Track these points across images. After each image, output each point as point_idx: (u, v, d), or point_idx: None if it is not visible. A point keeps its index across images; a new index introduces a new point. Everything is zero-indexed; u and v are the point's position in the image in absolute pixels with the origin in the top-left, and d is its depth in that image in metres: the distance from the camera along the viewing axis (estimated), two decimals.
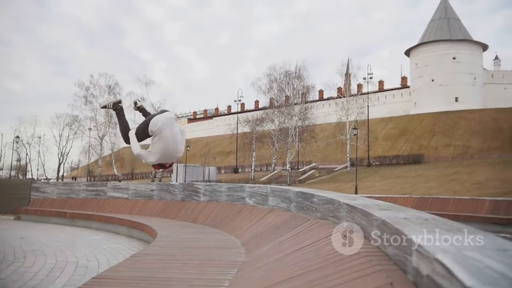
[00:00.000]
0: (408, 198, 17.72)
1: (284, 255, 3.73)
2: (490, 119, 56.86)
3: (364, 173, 42.37)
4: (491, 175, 30.92)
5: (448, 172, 35.67)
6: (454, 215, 14.84)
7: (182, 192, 11.40)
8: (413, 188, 30.14)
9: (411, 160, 48.56)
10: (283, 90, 52.92)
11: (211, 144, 79.90)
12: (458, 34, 65.65)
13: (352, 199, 4.41)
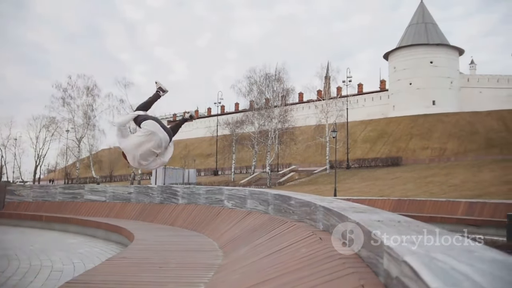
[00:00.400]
0: (386, 200, 17.92)
1: (260, 258, 3.73)
2: (466, 122, 57.88)
3: (343, 175, 42.69)
4: (466, 177, 31.46)
5: (425, 174, 36.17)
6: (431, 217, 15.08)
7: (160, 194, 11.33)
8: (391, 190, 30.47)
9: (389, 163, 49.09)
10: (263, 93, 53.03)
11: (190, 147, 79.56)
12: (435, 39, 66.74)
13: (329, 201, 4.44)
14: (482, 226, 13.48)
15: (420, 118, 60.85)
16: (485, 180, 29.42)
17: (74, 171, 67.29)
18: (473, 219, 13.80)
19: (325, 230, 3.91)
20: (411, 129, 59.44)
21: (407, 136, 58.30)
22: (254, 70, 53.87)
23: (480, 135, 54.27)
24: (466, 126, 56.94)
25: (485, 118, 58.10)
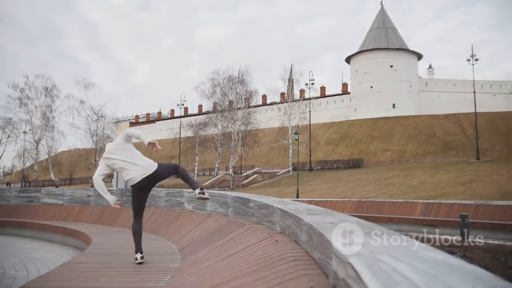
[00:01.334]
0: (347, 201, 18.18)
1: (217, 261, 3.73)
2: (425, 125, 59.39)
3: (306, 177, 43.08)
4: (424, 179, 32.28)
5: (385, 176, 36.88)
6: (390, 218, 15.41)
7: (120, 197, 11.13)
8: (352, 191, 30.94)
9: (351, 164, 49.83)
10: (226, 95, 52.97)
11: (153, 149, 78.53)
12: (395, 43, 68.28)
13: (286, 204, 4.48)
14: (439, 226, 13.85)
15: (381, 121, 62.06)
16: (441, 181, 30.27)
17: (32, 173, 65.39)
18: (430, 220, 14.17)
19: (281, 232, 3.94)
20: (372, 132, 60.53)
21: (368, 138, 59.34)
22: (217, 72, 53.80)
23: (438, 137, 55.82)
24: (425, 129, 58.44)
25: (443, 121, 59.80)
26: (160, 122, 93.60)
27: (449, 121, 59.71)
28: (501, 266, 6.38)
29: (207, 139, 54.09)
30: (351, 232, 2.19)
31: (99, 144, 58.33)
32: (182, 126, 58.69)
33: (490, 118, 57.51)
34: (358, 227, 2.39)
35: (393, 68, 66.61)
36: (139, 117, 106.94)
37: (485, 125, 54.65)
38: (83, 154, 62.91)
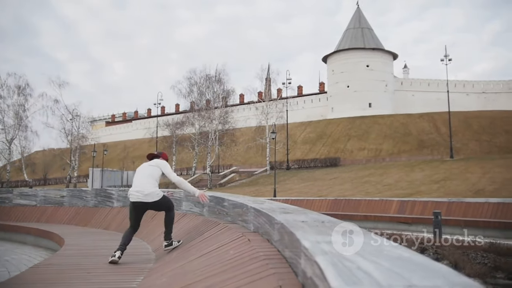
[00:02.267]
0: (323, 200, 18.31)
1: (190, 261, 3.71)
2: (400, 124, 60.18)
3: (284, 176, 43.20)
4: (400, 177, 32.70)
5: (362, 175, 37.21)
6: (365, 216, 15.58)
7: (94, 198, 11.00)
8: (329, 190, 31.15)
9: (328, 163, 50.14)
10: (203, 94, 52.75)
11: (130, 148, 77.85)
12: (371, 43, 69.03)
13: (260, 203, 4.48)
14: (413, 223, 14.06)
15: (357, 120, 62.65)
16: (416, 179, 30.70)
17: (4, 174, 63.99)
18: (404, 217, 14.37)
19: (255, 231, 3.94)
20: (349, 131, 61.06)
21: (345, 137, 59.84)
22: (194, 71, 53.53)
23: (413, 136, 56.64)
24: (400, 128, 59.22)
25: (417, 120, 60.69)
26: (137, 121, 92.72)
27: (424, 120, 60.64)
28: (471, 262, 6.51)
29: (184, 138, 53.79)
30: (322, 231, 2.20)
31: (74, 144, 57.45)
32: (159, 125, 58.27)
33: (463, 117, 58.61)
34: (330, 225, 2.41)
35: (369, 67, 67.33)
36: (115, 116, 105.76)
37: (459, 124, 55.68)
38: (57, 154, 61.83)
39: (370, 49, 68.19)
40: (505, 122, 56.91)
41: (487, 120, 58.84)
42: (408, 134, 57.30)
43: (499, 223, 11.22)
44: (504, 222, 11.31)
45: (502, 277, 5.91)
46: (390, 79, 69.14)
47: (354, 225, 2.45)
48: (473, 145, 53.58)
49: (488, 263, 6.70)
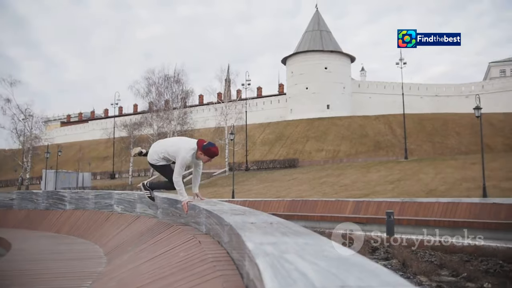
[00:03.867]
0: (281, 201, 18.42)
1: (140, 264, 3.66)
2: (357, 125, 61.34)
3: (242, 177, 43.24)
4: (356, 178, 33.30)
5: (319, 175, 37.67)
6: (321, 216, 15.78)
7: (46, 200, 10.68)
8: (287, 191, 31.38)
9: (286, 164, 50.48)
10: (162, 94, 52.13)
11: (86, 149, 76.05)
12: (330, 46, 70.07)
13: (212, 204, 4.47)
14: (367, 223, 14.34)
15: (315, 121, 63.42)
16: (372, 180, 31.35)
17: None
18: (359, 217, 14.64)
19: (207, 233, 3.93)
20: (307, 132, 61.72)
21: (303, 138, 60.44)
22: (152, 71, 52.74)
23: (370, 137, 57.85)
24: (357, 129, 60.35)
25: (374, 122, 62.03)
26: (93, 121, 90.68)
27: (380, 122, 62.03)
28: (418, 261, 6.71)
29: (142, 139, 52.99)
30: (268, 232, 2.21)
31: (26, 145, 55.63)
32: (116, 126, 57.23)
33: (418, 119, 60.32)
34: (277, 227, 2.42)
35: (328, 70, 68.29)
36: (70, 116, 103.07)
37: (413, 125, 57.26)
38: (9, 155, 59.70)
39: (328, 51, 69.19)
40: (456, 124, 58.98)
41: (439, 122, 60.80)
42: (365, 136, 58.47)
43: (448, 221, 11.61)
44: (453, 221, 11.70)
45: (446, 274, 6.12)
46: (348, 82, 70.37)
47: (300, 226, 2.47)
48: (427, 146, 55.25)
49: (435, 261, 6.93)
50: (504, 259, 7.20)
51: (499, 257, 7.30)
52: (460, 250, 7.97)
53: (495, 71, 75.82)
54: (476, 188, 23.06)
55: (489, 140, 53.47)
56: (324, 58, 68.81)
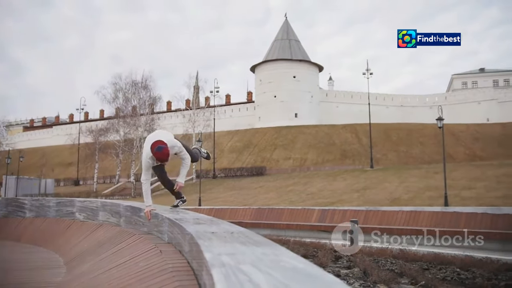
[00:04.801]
0: (247, 209, 18.40)
1: (100, 274, 3.60)
2: (324, 134, 62.01)
3: (210, 184, 43.05)
4: (323, 186, 33.61)
5: (287, 184, 37.85)
6: (287, 224, 15.84)
7: (4, 208, 10.38)
8: (254, 199, 31.42)
9: (254, 172, 50.55)
10: (129, 100, 51.50)
11: (49, 155, 74.29)
12: (298, 55, 70.79)
13: (175, 213, 4.43)
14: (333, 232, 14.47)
15: (283, 130, 63.79)
16: (339, 188, 31.70)
17: None
18: (325, 226, 14.76)
19: (169, 242, 3.89)
20: (275, 140, 62.00)
21: (271, 146, 60.69)
22: (120, 77, 52.12)
23: (336, 146, 58.55)
24: (325, 138, 61.00)
25: (341, 131, 62.86)
26: (58, 127, 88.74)
27: (347, 131, 62.88)
28: (379, 269, 6.82)
29: (108, 145, 52.20)
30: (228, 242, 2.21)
31: None
32: (82, 131, 56.22)
33: (383, 129, 61.44)
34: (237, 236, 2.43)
35: (296, 78, 68.90)
36: (34, 121, 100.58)
37: (379, 135, 58.29)
38: None
39: (297, 60, 69.86)
40: (420, 134, 60.37)
41: (404, 132, 62.12)
42: (332, 144, 59.14)
43: (411, 230, 11.84)
44: (416, 229, 11.94)
45: (406, 283, 6.24)
46: (315, 91, 71.15)
47: (260, 236, 2.48)
48: (392, 155, 56.32)
49: (395, 269, 7.05)
50: (461, 266, 7.39)
51: (456, 265, 7.49)
52: (420, 258, 8.14)
53: (457, 83, 78.11)
54: (438, 196, 23.61)
55: (452, 150, 54.93)
56: (292, 67, 69.43)
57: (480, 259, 8.12)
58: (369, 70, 48.18)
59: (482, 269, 7.15)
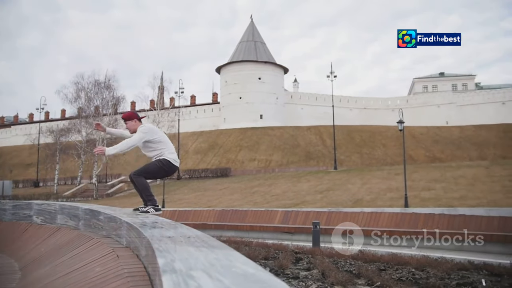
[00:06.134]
0: (211, 211, 18.36)
1: (55, 279, 3.53)
2: (289, 135, 62.48)
3: (174, 186, 42.71)
4: (287, 187, 33.82)
5: (251, 185, 37.91)
6: (251, 226, 15.89)
7: None
8: (218, 200, 31.33)
9: (219, 173, 50.45)
10: (91, 100, 50.51)
11: (7, 155, 72.13)
12: (264, 57, 71.09)
13: (135, 216, 4.39)
14: (295, 233, 14.61)
15: (248, 131, 63.92)
16: (302, 189, 31.96)
17: None
18: (288, 227, 14.88)
19: (127, 246, 3.85)
20: (240, 141, 62.06)
21: (236, 148, 60.72)
22: (82, 76, 51.02)
23: (301, 148, 59.09)
24: (289, 140, 61.47)
25: (306, 133, 63.48)
26: (17, 126, 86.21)
27: (311, 133, 63.56)
28: (337, 270, 6.94)
29: (70, 146, 51.05)
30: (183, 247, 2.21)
31: None
32: (42, 131, 54.80)
33: (347, 131, 62.42)
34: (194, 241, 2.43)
35: (261, 80, 69.19)
36: None
37: (343, 137, 59.20)
38: None
39: (262, 62, 70.16)
40: (383, 136, 61.66)
41: (367, 134, 63.29)
42: (296, 146, 59.63)
43: (370, 231, 12.07)
44: (376, 230, 12.18)
45: (362, 284, 6.37)
46: (280, 92, 71.60)
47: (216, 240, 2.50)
48: (355, 157, 57.29)
49: (353, 270, 7.18)
50: (416, 267, 7.60)
51: (412, 265, 7.70)
52: (379, 259, 8.32)
53: (418, 86, 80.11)
54: (399, 198, 24.13)
55: (412, 152, 56.33)
56: (258, 69, 69.68)
57: (435, 259, 8.37)
58: (333, 73, 48.81)
59: (436, 269, 7.38)
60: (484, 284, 6.45)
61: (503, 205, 17.96)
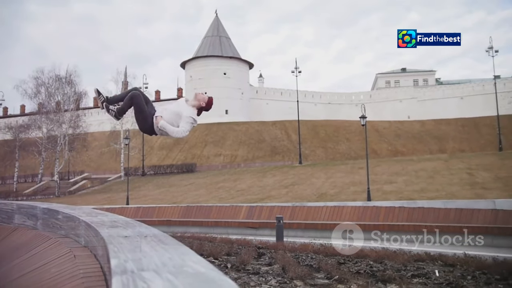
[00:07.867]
0: (175, 207, 18.28)
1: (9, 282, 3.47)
2: (255, 131, 62.65)
3: (139, 182, 42.27)
4: (252, 182, 33.96)
5: (217, 180, 37.91)
6: (216, 222, 15.92)
7: None
8: (184, 196, 31.20)
9: (184, 169, 50.20)
10: (52, 96, 49.31)
11: None
12: (229, 52, 70.91)
13: (94, 215, 4.34)
14: (260, 228, 14.71)
15: (214, 126, 63.72)
16: (268, 184, 32.17)
17: None
18: (252, 222, 14.98)
19: (85, 246, 3.81)
20: (205, 137, 61.83)
21: (202, 143, 60.48)
22: (42, 71, 49.71)
23: (267, 143, 59.36)
24: (255, 135, 61.63)
25: (271, 128, 63.77)
26: None
27: (277, 128, 63.90)
28: (298, 265, 7.05)
29: (30, 142, 49.73)
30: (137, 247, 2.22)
31: None
32: (0, 128, 53.16)
33: (312, 126, 63.03)
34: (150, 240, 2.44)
35: (226, 75, 69.03)
36: None
37: (307, 131, 59.76)
38: None
39: (227, 57, 69.96)
40: (347, 131, 62.57)
41: (332, 128, 64.10)
42: (262, 141, 59.86)
43: (334, 224, 12.27)
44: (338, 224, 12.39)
45: (321, 277, 6.49)
46: (246, 87, 71.64)
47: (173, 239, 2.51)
48: (320, 151, 57.98)
49: (314, 264, 7.31)
50: (375, 259, 7.79)
51: (371, 258, 7.89)
52: (339, 253, 8.49)
53: (381, 82, 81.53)
54: (362, 191, 24.58)
55: (376, 146, 57.40)
56: (223, 64, 69.46)
57: (394, 251, 8.61)
58: (298, 68, 49.21)
59: (393, 260, 7.60)
60: (438, 274, 6.70)
61: (459, 197, 18.60)
